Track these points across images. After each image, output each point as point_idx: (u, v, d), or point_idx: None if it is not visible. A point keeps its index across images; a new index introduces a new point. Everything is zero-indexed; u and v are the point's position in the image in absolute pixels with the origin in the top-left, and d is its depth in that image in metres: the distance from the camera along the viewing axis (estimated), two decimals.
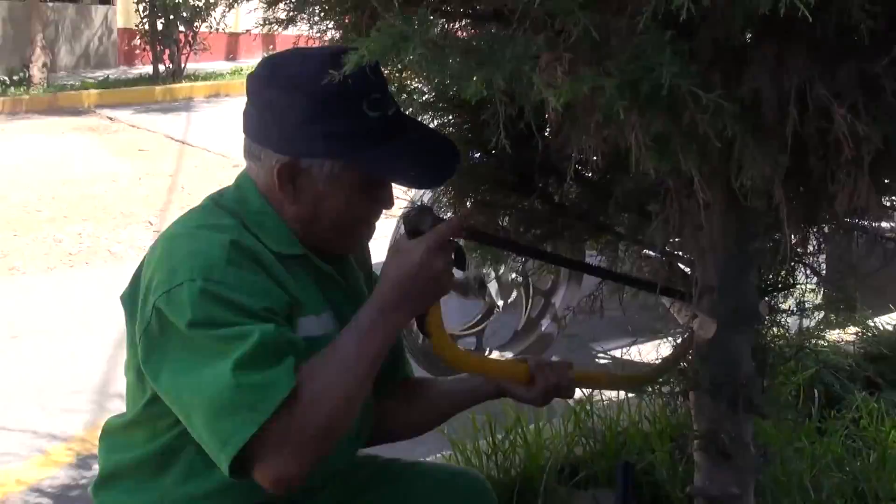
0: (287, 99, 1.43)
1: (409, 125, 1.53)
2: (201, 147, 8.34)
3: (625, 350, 3.81)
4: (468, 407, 1.78)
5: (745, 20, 1.21)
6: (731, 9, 1.18)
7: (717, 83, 1.27)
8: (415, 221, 1.46)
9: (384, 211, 1.58)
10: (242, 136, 1.51)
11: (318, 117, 1.42)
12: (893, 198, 1.77)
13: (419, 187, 1.84)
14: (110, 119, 9.80)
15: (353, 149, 1.44)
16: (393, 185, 1.54)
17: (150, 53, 11.71)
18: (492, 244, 1.89)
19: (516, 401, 1.71)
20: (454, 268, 1.46)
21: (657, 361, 1.97)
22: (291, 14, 1.78)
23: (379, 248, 1.65)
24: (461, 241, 1.54)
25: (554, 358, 3.46)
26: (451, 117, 1.80)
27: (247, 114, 1.50)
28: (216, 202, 1.52)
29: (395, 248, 1.43)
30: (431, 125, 1.84)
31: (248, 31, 1.86)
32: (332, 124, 1.43)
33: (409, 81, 1.86)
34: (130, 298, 1.47)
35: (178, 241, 1.44)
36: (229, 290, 1.34)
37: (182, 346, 1.34)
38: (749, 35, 1.33)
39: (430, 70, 1.30)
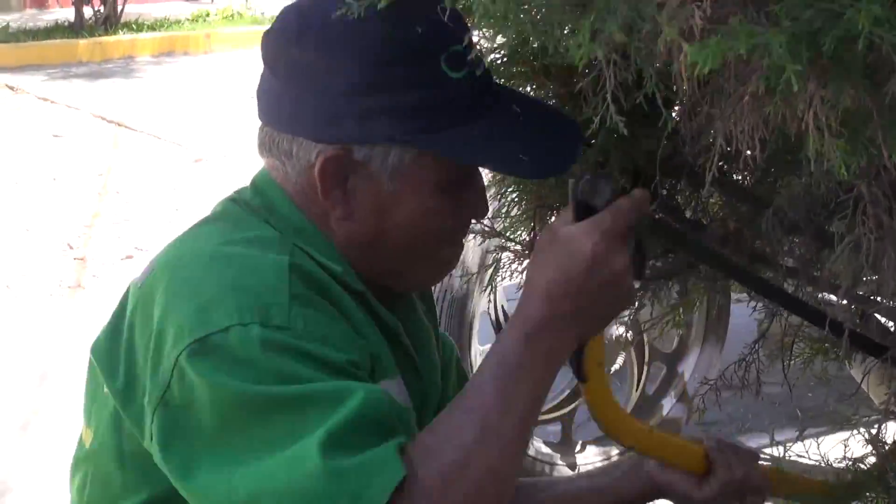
0: (327, 61, 1.44)
1: (504, 91, 1.55)
2: (147, 132, 8.44)
3: (791, 445, 3.78)
4: None
5: None
6: None
7: None
8: (587, 191, 1.39)
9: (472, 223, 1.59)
10: (259, 126, 1.52)
11: (377, 85, 1.43)
12: None
13: (533, 176, 1.81)
14: (11, 88, 9.95)
15: (431, 128, 1.45)
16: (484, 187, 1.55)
17: None
18: (686, 248, 1.87)
19: (676, 500, 1.69)
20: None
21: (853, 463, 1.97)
22: None
23: None
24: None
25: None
26: (532, 86, 1.82)
27: (265, 92, 1.51)
28: (238, 203, 1.53)
29: (549, 237, 1.39)
30: None
31: None
32: (398, 94, 1.44)
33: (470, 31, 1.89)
34: (110, 352, 1.47)
35: (202, 269, 1.43)
36: (301, 339, 1.35)
37: (234, 419, 1.33)
38: None
39: (500, 17, 1.32)
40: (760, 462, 1.73)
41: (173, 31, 12.11)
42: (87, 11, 11.77)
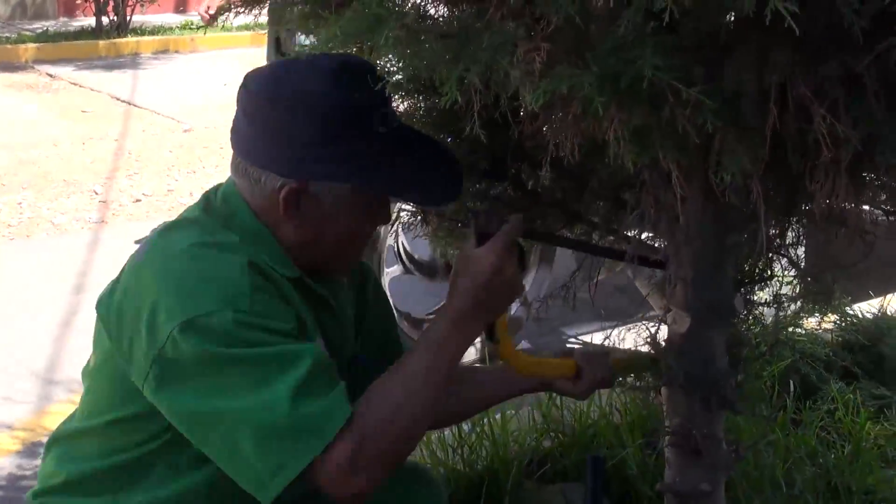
0: (294, 120, 1.42)
1: (412, 136, 1.56)
2: (149, 109, 8.25)
3: (600, 335, 3.87)
4: (503, 400, 1.86)
5: (728, 16, 1.25)
6: (715, 8, 1.22)
7: (698, 77, 1.32)
8: (483, 224, 1.47)
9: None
10: (232, 154, 1.50)
11: (330, 138, 1.43)
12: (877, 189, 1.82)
13: (432, 205, 1.90)
14: (50, 76, 9.65)
15: (366, 169, 1.45)
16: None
17: (92, 4, 11.51)
18: (550, 243, 1.98)
19: (560, 394, 1.79)
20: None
21: (633, 348, 2.02)
22: None
23: None
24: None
25: (526, 345, 3.49)
26: (421, 100, 1.83)
27: (241, 132, 1.48)
28: (206, 211, 1.51)
29: (464, 257, 1.45)
30: (401, 107, 1.87)
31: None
32: (344, 145, 1.44)
33: (379, 60, 1.88)
34: (108, 308, 1.46)
35: (182, 263, 1.41)
36: (261, 317, 1.35)
37: (218, 370, 1.33)
38: (733, 28, 1.37)
39: (404, 56, 1.34)
40: (610, 352, 1.85)
41: (167, 35, 11.79)
42: (105, 20, 11.44)
